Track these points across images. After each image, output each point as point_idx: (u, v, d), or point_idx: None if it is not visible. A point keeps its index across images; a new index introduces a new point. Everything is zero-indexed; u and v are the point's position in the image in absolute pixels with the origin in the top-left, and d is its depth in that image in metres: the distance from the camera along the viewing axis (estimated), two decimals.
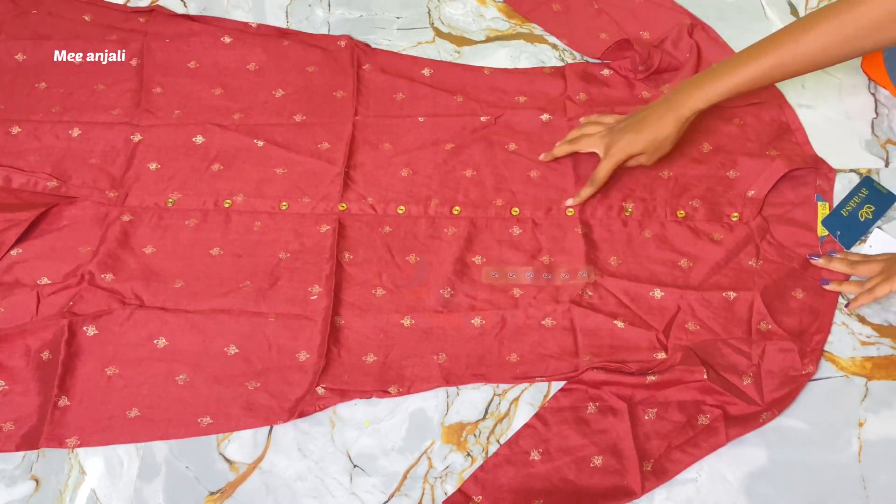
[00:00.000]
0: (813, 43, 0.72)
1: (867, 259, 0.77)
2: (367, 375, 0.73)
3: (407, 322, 0.76)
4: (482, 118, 0.89)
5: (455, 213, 0.83)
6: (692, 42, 0.93)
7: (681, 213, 0.83)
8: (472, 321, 0.76)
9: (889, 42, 0.71)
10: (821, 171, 0.84)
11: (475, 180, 0.85)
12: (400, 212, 0.83)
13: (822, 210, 0.82)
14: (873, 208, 0.82)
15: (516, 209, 0.83)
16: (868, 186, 0.83)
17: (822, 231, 0.80)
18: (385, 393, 0.72)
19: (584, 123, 0.85)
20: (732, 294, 0.77)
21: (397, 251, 0.81)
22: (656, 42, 0.94)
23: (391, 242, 0.81)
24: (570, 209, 0.83)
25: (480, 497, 0.67)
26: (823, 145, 0.87)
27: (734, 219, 0.82)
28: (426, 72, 0.93)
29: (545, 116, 0.89)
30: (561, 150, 0.84)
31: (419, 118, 0.89)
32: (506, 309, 0.77)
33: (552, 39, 0.97)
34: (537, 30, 0.98)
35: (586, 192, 0.82)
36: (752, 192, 0.83)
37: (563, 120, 0.89)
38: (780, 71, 0.74)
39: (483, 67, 0.94)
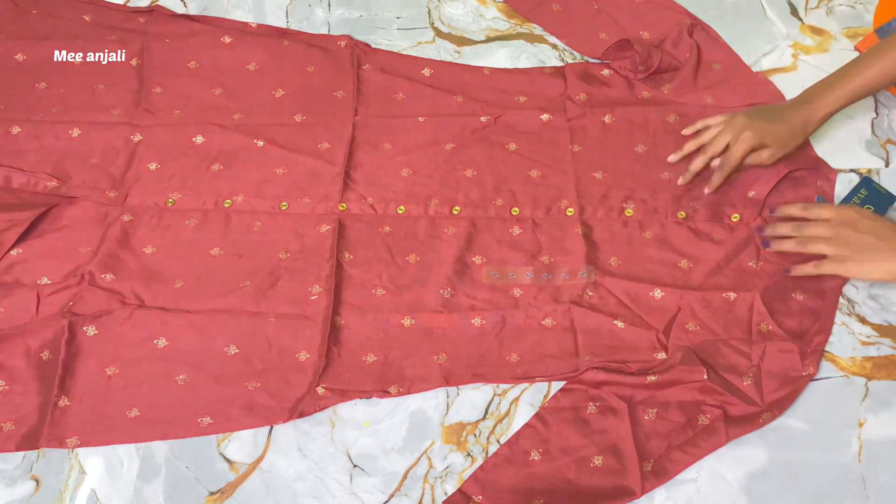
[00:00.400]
0: None
1: (815, 216, 0.76)
2: (367, 375, 0.73)
3: (407, 322, 0.76)
4: (482, 118, 0.89)
5: (455, 213, 0.83)
6: (692, 42, 0.93)
7: (681, 215, 0.83)
8: (473, 321, 0.76)
9: None
10: (821, 171, 0.84)
11: (475, 180, 0.85)
12: (400, 212, 0.83)
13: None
14: (873, 208, 0.82)
15: (516, 209, 0.83)
16: (867, 187, 0.83)
17: None
18: (385, 393, 0.72)
19: (701, 125, 0.85)
20: (732, 295, 0.77)
21: (397, 251, 0.81)
22: (656, 42, 0.94)
23: (391, 242, 0.81)
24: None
25: (480, 497, 0.68)
26: (824, 145, 0.87)
27: (735, 220, 0.82)
28: (426, 72, 0.94)
29: (545, 116, 0.89)
30: (690, 146, 0.84)
31: (419, 118, 0.89)
32: (506, 309, 0.77)
33: (552, 39, 0.97)
34: (537, 30, 0.98)
35: (717, 178, 0.81)
36: (753, 192, 0.82)
37: (562, 120, 0.89)
38: (889, 77, 0.78)
39: (483, 67, 0.94)
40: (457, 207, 0.83)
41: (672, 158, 0.85)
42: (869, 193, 0.82)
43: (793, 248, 0.76)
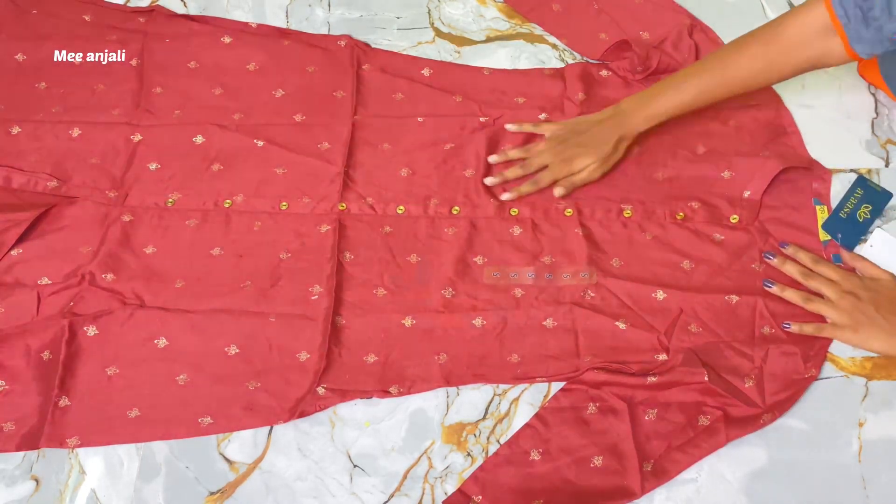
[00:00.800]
0: (742, 64, 0.77)
1: (822, 273, 0.77)
2: (367, 375, 0.73)
3: (408, 322, 0.76)
4: (481, 119, 0.89)
5: (454, 212, 0.83)
6: (692, 43, 0.93)
7: (680, 215, 0.82)
8: (474, 321, 0.76)
9: (811, 60, 0.75)
10: (816, 173, 0.84)
11: (474, 180, 0.85)
12: (399, 212, 0.83)
13: (821, 213, 0.82)
14: (870, 207, 0.82)
15: (515, 209, 0.83)
16: (862, 186, 0.83)
17: (823, 235, 0.80)
18: (386, 393, 0.72)
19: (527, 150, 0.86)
20: (735, 298, 0.77)
21: (398, 251, 0.81)
22: (656, 43, 0.94)
23: (392, 242, 0.81)
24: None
25: (480, 497, 0.68)
26: (823, 145, 0.87)
27: (734, 220, 0.82)
28: (426, 72, 0.93)
29: (543, 116, 0.89)
30: (526, 189, 0.84)
31: (418, 118, 0.89)
32: (507, 309, 0.77)
33: (552, 39, 0.97)
34: (537, 30, 0.98)
35: (527, 188, 0.83)
36: (748, 192, 0.82)
37: (561, 120, 0.89)
38: (714, 92, 0.79)
39: (482, 68, 0.94)
40: (456, 207, 0.83)
41: (493, 158, 0.86)
42: (865, 193, 0.82)
43: (795, 300, 0.76)
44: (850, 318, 0.73)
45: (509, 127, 0.87)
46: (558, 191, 0.82)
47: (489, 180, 0.84)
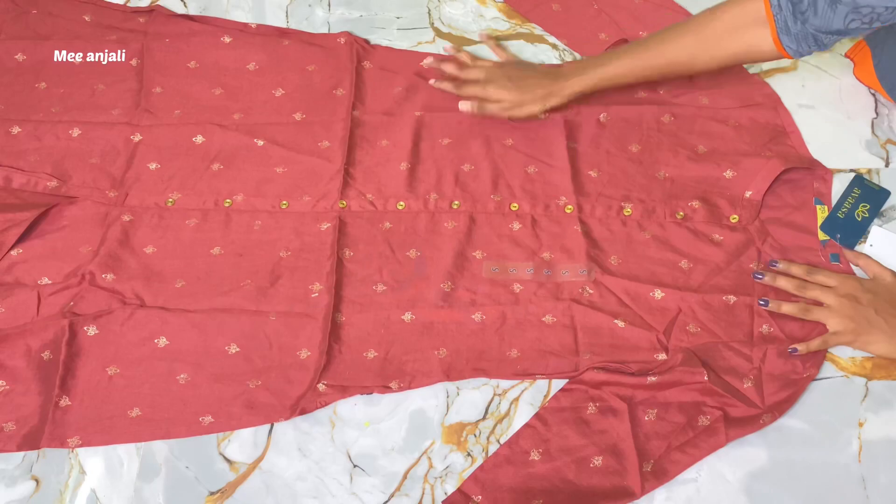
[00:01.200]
0: (677, 45, 0.81)
1: (818, 282, 0.76)
2: (368, 371, 0.74)
3: (408, 317, 0.76)
4: None
5: (454, 207, 0.83)
6: None
7: (680, 215, 0.83)
8: (473, 316, 0.76)
9: (739, 50, 0.79)
10: (817, 173, 0.84)
11: (473, 175, 0.85)
12: (400, 207, 0.83)
13: (822, 213, 0.82)
14: (869, 206, 0.82)
15: (515, 204, 0.83)
16: (859, 185, 0.83)
17: (822, 235, 0.80)
18: (386, 388, 0.73)
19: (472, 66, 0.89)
20: (732, 298, 0.77)
21: (398, 246, 0.81)
22: None
23: (391, 238, 0.81)
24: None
25: (480, 497, 0.68)
26: (823, 145, 0.87)
27: (733, 220, 0.82)
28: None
29: (543, 117, 0.89)
30: (445, 85, 0.88)
31: (416, 112, 0.90)
32: (506, 304, 0.77)
33: (552, 39, 0.97)
34: (537, 30, 0.98)
35: (447, 86, 0.88)
36: (750, 192, 0.82)
37: (558, 117, 0.89)
38: (648, 70, 0.84)
39: None
40: (456, 202, 0.83)
41: (426, 62, 0.91)
42: (862, 192, 0.82)
43: (793, 313, 0.75)
44: (850, 322, 0.73)
45: (425, 63, 0.92)
46: (463, 105, 0.85)
47: (427, 62, 0.91)
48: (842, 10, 0.70)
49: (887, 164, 0.86)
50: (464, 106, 0.85)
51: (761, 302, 0.76)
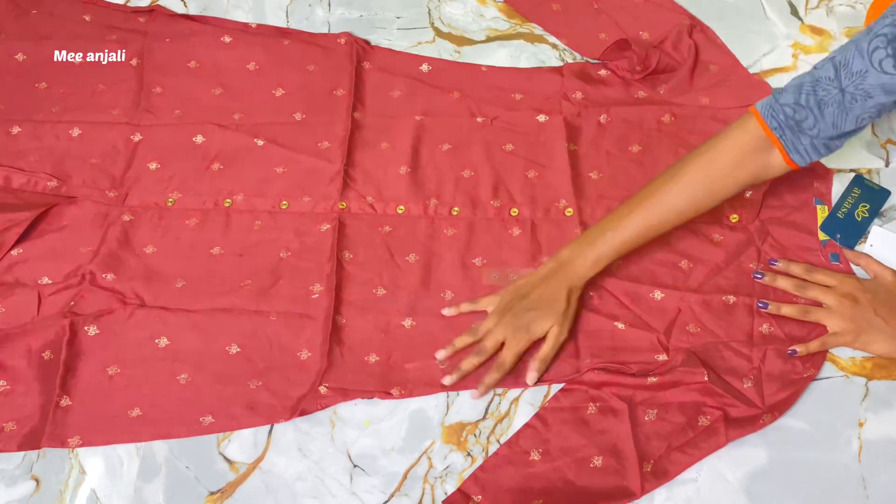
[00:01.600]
0: (682, 193, 0.73)
1: (817, 281, 0.76)
2: (369, 376, 0.73)
3: (408, 323, 0.76)
4: (478, 119, 0.89)
5: (454, 213, 0.83)
6: (691, 43, 0.93)
7: None
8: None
9: (749, 178, 0.73)
10: (817, 172, 0.84)
11: (473, 181, 0.85)
12: (399, 211, 0.83)
13: (822, 213, 0.82)
14: (868, 206, 0.82)
15: (515, 210, 0.83)
16: (859, 185, 0.83)
17: (822, 235, 0.80)
18: (387, 395, 0.72)
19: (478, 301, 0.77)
20: (732, 298, 0.77)
21: (397, 251, 0.81)
22: (656, 43, 0.94)
23: (391, 242, 0.81)
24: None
25: (480, 497, 0.68)
26: None
27: (733, 220, 0.82)
28: (424, 67, 0.94)
29: (542, 117, 0.89)
30: (460, 342, 0.75)
31: (416, 116, 0.90)
32: None
33: (552, 39, 0.97)
34: (537, 30, 0.98)
35: (493, 378, 0.72)
36: (750, 192, 0.82)
37: (559, 119, 0.89)
38: (656, 227, 0.74)
39: (480, 65, 0.94)
40: (456, 208, 0.83)
41: (440, 355, 0.74)
42: (862, 192, 0.83)
43: (793, 315, 0.75)
44: (850, 322, 0.73)
45: (446, 311, 0.76)
46: (531, 376, 0.72)
47: (447, 380, 0.72)
48: (854, 113, 0.67)
49: (887, 164, 0.86)
50: (532, 378, 0.72)
51: (760, 304, 0.76)
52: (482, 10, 1.00)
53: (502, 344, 0.73)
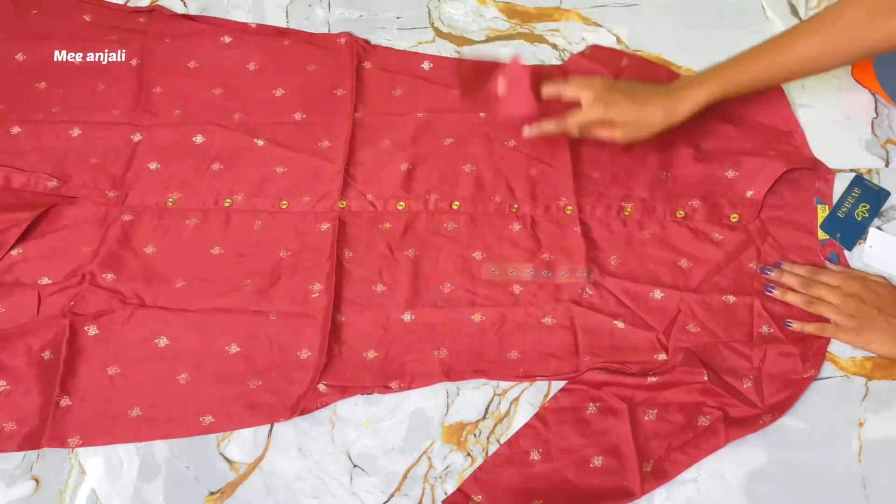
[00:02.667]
0: (809, 42, 0.71)
1: (822, 280, 0.76)
2: (368, 372, 0.74)
3: (407, 317, 0.76)
4: (481, 114, 0.89)
5: (455, 207, 0.83)
6: None
7: (680, 214, 0.82)
8: (472, 317, 0.76)
9: (883, 39, 0.69)
10: (819, 172, 0.84)
11: (474, 175, 0.85)
12: (400, 208, 0.83)
13: (822, 213, 0.82)
14: (868, 206, 0.82)
15: (515, 206, 0.83)
16: (859, 185, 0.83)
17: (822, 235, 0.80)
18: (387, 388, 0.73)
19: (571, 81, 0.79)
20: (732, 298, 0.77)
21: (397, 247, 0.81)
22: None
23: (391, 238, 0.81)
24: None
25: (480, 497, 0.68)
26: (823, 145, 0.87)
27: (734, 220, 0.82)
28: (426, 65, 0.93)
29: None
30: (546, 91, 0.79)
31: (418, 114, 0.90)
32: (506, 306, 0.77)
33: (552, 39, 0.97)
34: (537, 30, 0.98)
35: (548, 126, 0.78)
36: (751, 192, 0.82)
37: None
38: (778, 73, 0.74)
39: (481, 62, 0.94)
40: (456, 202, 0.83)
41: (526, 132, 0.80)
42: (862, 192, 0.83)
43: (798, 304, 0.75)
44: (853, 320, 0.73)
45: (526, 132, 0.80)
46: (545, 126, 0.78)
47: (526, 131, 0.79)
48: None
49: (887, 164, 0.86)
50: (562, 127, 0.77)
51: (767, 287, 0.76)
52: (482, 10, 1.00)
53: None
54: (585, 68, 0.90)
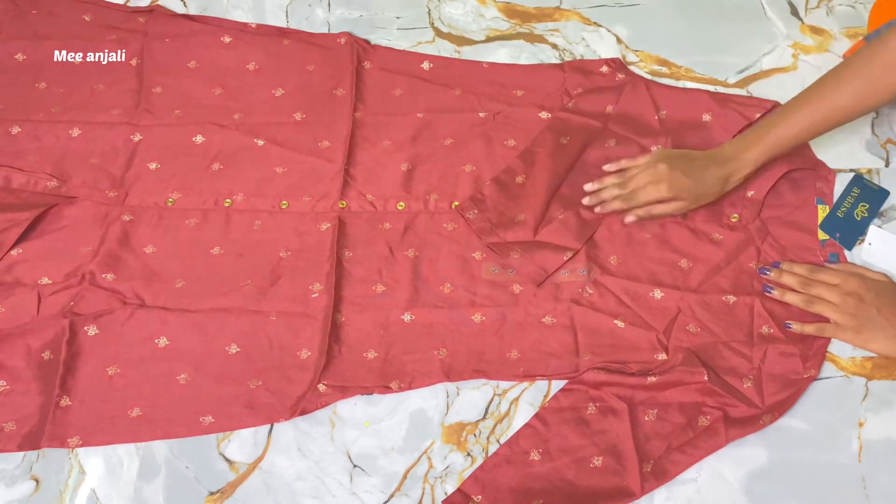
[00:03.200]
0: (848, 90, 0.73)
1: (822, 279, 0.76)
2: (368, 372, 0.74)
3: (407, 317, 0.76)
4: (481, 114, 0.89)
5: (454, 207, 0.83)
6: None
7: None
8: (472, 317, 0.76)
9: None
10: (820, 173, 0.84)
11: (474, 175, 0.85)
12: (400, 208, 0.83)
13: (822, 212, 0.82)
14: (868, 206, 0.82)
15: None
16: (859, 185, 0.83)
17: (821, 234, 0.80)
18: (387, 389, 0.73)
19: (625, 163, 0.82)
20: (732, 298, 0.77)
21: (397, 247, 0.81)
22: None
23: (391, 239, 0.81)
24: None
25: (480, 497, 0.68)
26: (823, 145, 0.87)
27: (734, 220, 0.82)
28: (425, 65, 0.94)
29: (544, 114, 0.89)
30: (609, 179, 0.82)
31: (418, 114, 0.90)
32: (505, 306, 0.77)
33: (552, 39, 0.97)
34: (537, 30, 0.98)
35: (616, 205, 0.80)
36: (752, 192, 0.82)
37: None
38: (821, 125, 0.75)
39: (482, 61, 0.94)
40: (456, 202, 0.83)
41: (589, 187, 0.82)
42: (862, 192, 0.83)
43: (797, 303, 0.75)
44: (852, 319, 0.73)
45: (588, 187, 0.82)
46: (630, 217, 0.80)
47: (586, 200, 0.81)
48: None
49: (887, 164, 0.86)
50: (630, 218, 0.80)
51: (766, 288, 0.76)
52: (482, 10, 1.00)
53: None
54: (575, 124, 0.88)
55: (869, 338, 0.73)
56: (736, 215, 0.82)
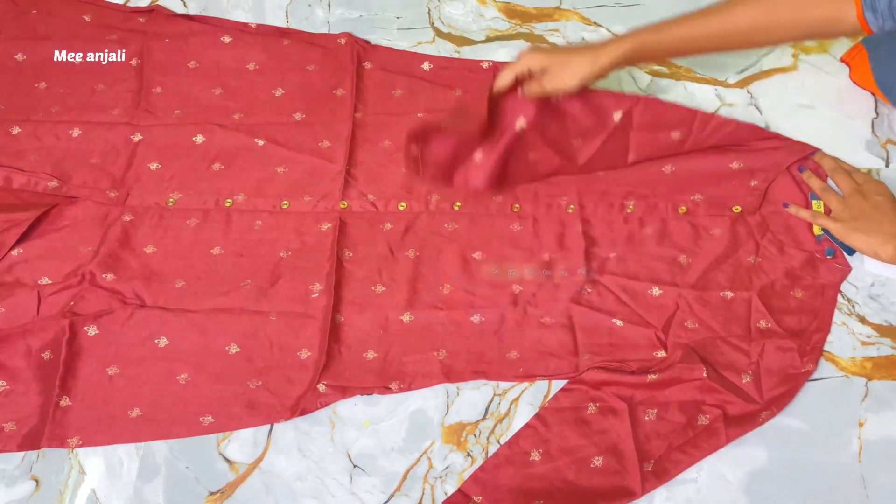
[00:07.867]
0: (745, 13, 0.70)
1: (849, 172, 0.81)
2: (368, 372, 0.74)
3: (406, 318, 0.76)
4: None
5: (456, 208, 0.83)
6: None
7: (682, 209, 0.82)
8: (472, 318, 0.76)
9: (813, 22, 0.69)
10: (819, 171, 0.84)
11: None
12: (401, 208, 0.83)
13: (818, 208, 0.82)
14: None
15: (517, 205, 0.83)
16: None
17: (817, 230, 0.81)
18: (386, 389, 0.73)
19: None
20: (730, 294, 0.77)
21: (397, 247, 0.81)
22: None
23: (391, 239, 0.81)
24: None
25: (480, 497, 0.68)
26: (823, 145, 0.87)
27: (736, 210, 0.82)
28: (426, 66, 0.93)
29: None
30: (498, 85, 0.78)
31: (418, 114, 0.90)
32: (505, 306, 0.77)
33: (552, 39, 0.97)
34: (537, 30, 0.98)
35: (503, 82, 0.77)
36: (755, 182, 0.82)
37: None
38: (702, 41, 0.73)
39: (482, 61, 0.94)
40: (457, 203, 0.83)
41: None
42: None
43: (807, 218, 0.80)
44: (847, 211, 0.77)
45: None
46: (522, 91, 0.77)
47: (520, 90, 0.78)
48: None
49: (887, 164, 0.86)
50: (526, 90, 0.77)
51: (784, 205, 0.80)
52: (482, 10, 1.00)
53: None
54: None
55: (854, 227, 0.76)
56: (738, 206, 0.82)
